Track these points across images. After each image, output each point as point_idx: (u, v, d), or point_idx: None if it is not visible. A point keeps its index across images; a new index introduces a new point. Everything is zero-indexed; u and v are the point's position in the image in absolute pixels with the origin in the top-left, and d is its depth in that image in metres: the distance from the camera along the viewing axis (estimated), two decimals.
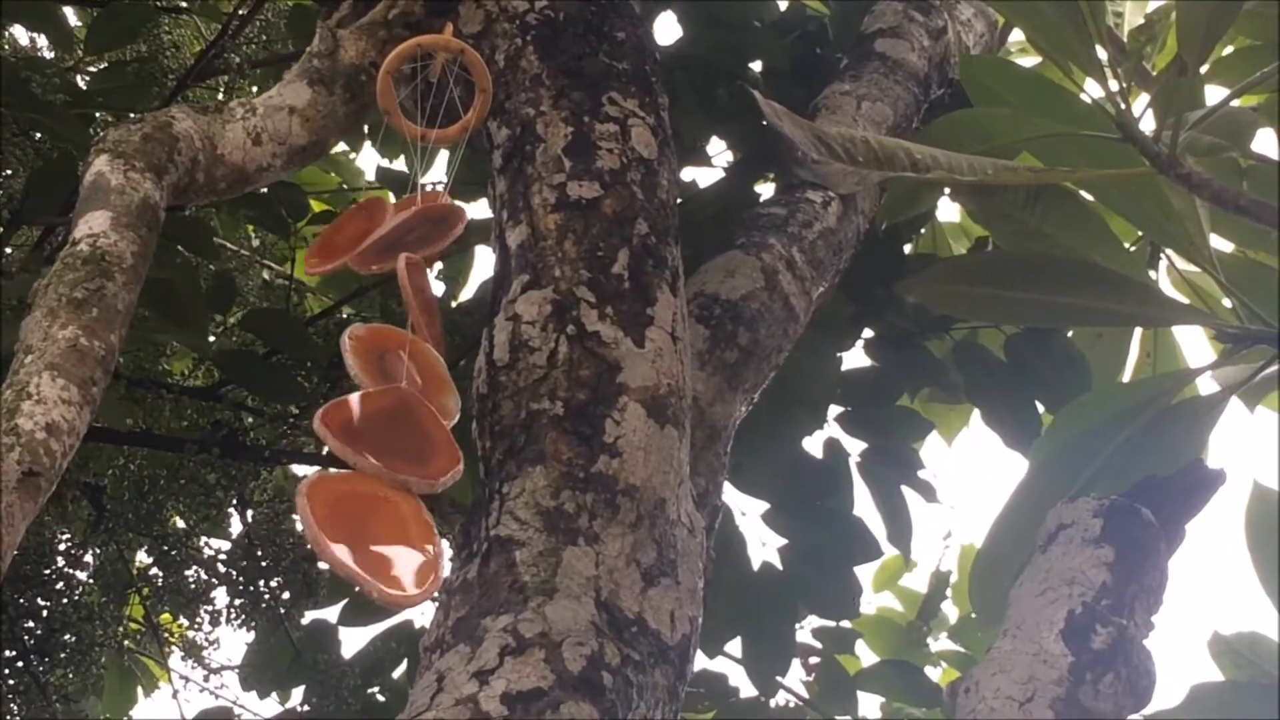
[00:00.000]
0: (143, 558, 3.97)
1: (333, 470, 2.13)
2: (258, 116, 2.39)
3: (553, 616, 2.02)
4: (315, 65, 2.48)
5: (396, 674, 3.93)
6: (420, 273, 2.35)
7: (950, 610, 4.65)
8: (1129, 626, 1.99)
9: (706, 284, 2.79)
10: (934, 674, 4.27)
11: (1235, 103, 2.79)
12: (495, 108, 2.52)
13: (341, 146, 4.25)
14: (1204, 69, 2.65)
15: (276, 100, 2.42)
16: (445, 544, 3.86)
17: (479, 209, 3.92)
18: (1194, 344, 5.17)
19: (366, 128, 4.07)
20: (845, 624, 4.14)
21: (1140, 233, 3.47)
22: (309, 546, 3.76)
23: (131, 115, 2.36)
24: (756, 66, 3.75)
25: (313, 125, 2.43)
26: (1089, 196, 3.06)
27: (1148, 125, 2.57)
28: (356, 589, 2.64)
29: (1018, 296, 2.93)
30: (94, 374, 1.96)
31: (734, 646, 3.81)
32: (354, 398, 2.14)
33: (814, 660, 4.07)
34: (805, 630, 4.04)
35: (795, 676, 4.05)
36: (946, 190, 3.56)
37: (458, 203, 2.47)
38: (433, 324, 2.33)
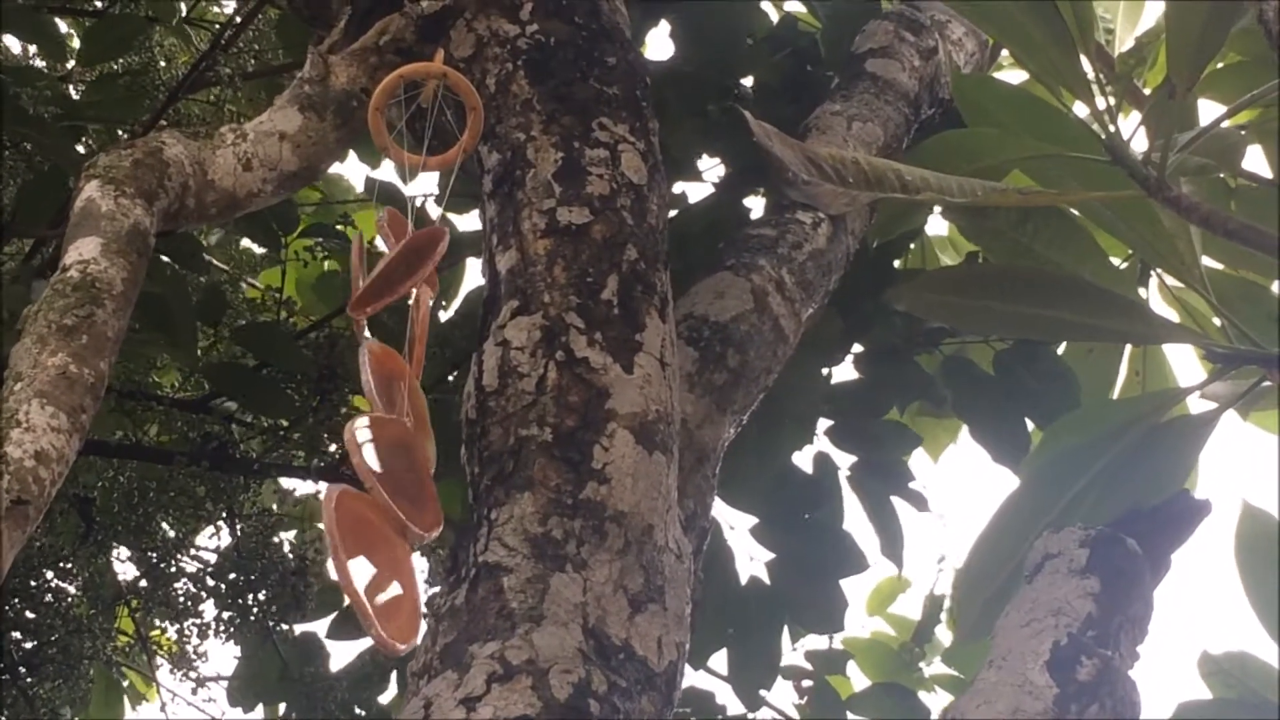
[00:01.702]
0: (132, 570, 3.98)
1: (350, 488, 2.09)
2: (248, 142, 2.38)
3: (540, 644, 2.02)
4: (306, 91, 2.47)
5: (384, 699, 3.94)
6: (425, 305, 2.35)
7: (944, 634, 4.64)
8: (1114, 658, 1.98)
9: (696, 305, 2.79)
10: (926, 699, 4.25)
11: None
12: (486, 132, 2.51)
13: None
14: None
15: (267, 126, 2.42)
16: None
17: (470, 221, 3.92)
18: (1184, 362, 5.16)
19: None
20: (837, 645, 4.14)
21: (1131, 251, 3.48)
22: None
23: (122, 134, 2.36)
24: (747, 82, 3.75)
25: (303, 151, 2.42)
26: (1079, 214, 3.07)
27: (1140, 143, 2.57)
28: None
29: (1007, 309, 2.94)
30: (83, 401, 1.96)
31: (717, 663, 3.81)
32: (376, 419, 2.12)
33: (806, 683, 4.06)
34: (798, 653, 4.04)
35: (787, 699, 4.06)
36: (937, 207, 3.56)
37: (438, 221, 2.46)
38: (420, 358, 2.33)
